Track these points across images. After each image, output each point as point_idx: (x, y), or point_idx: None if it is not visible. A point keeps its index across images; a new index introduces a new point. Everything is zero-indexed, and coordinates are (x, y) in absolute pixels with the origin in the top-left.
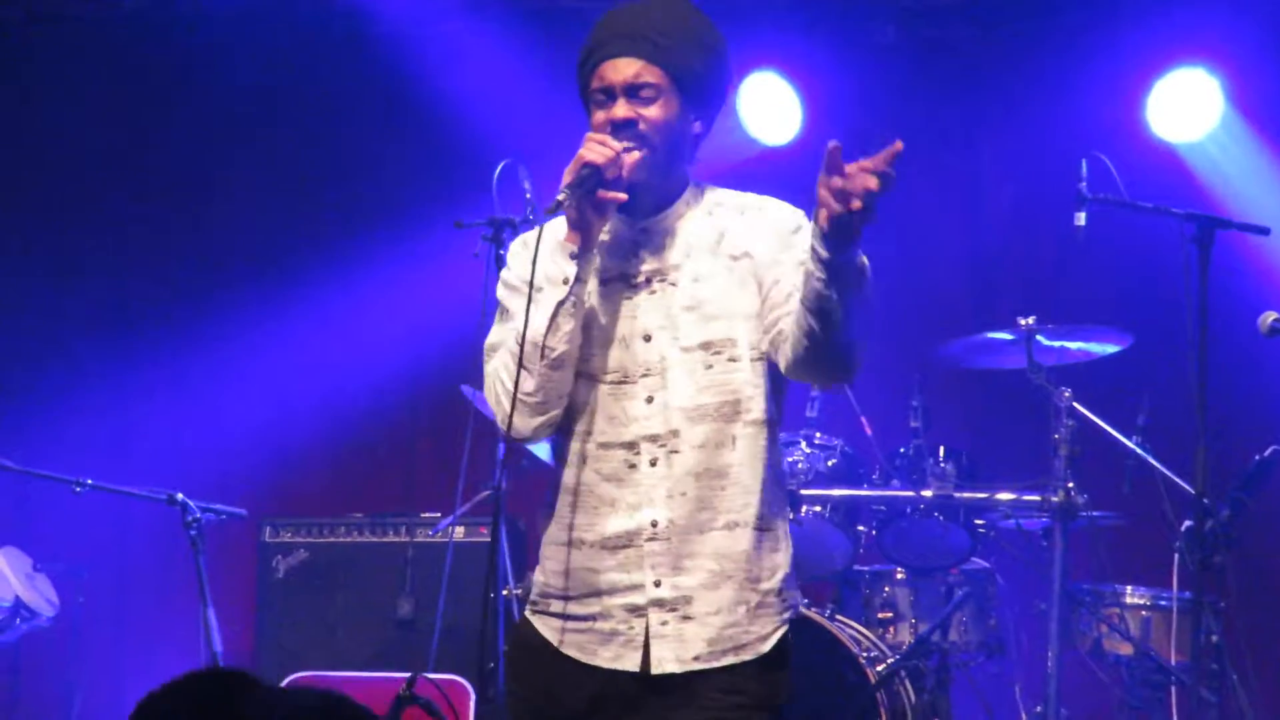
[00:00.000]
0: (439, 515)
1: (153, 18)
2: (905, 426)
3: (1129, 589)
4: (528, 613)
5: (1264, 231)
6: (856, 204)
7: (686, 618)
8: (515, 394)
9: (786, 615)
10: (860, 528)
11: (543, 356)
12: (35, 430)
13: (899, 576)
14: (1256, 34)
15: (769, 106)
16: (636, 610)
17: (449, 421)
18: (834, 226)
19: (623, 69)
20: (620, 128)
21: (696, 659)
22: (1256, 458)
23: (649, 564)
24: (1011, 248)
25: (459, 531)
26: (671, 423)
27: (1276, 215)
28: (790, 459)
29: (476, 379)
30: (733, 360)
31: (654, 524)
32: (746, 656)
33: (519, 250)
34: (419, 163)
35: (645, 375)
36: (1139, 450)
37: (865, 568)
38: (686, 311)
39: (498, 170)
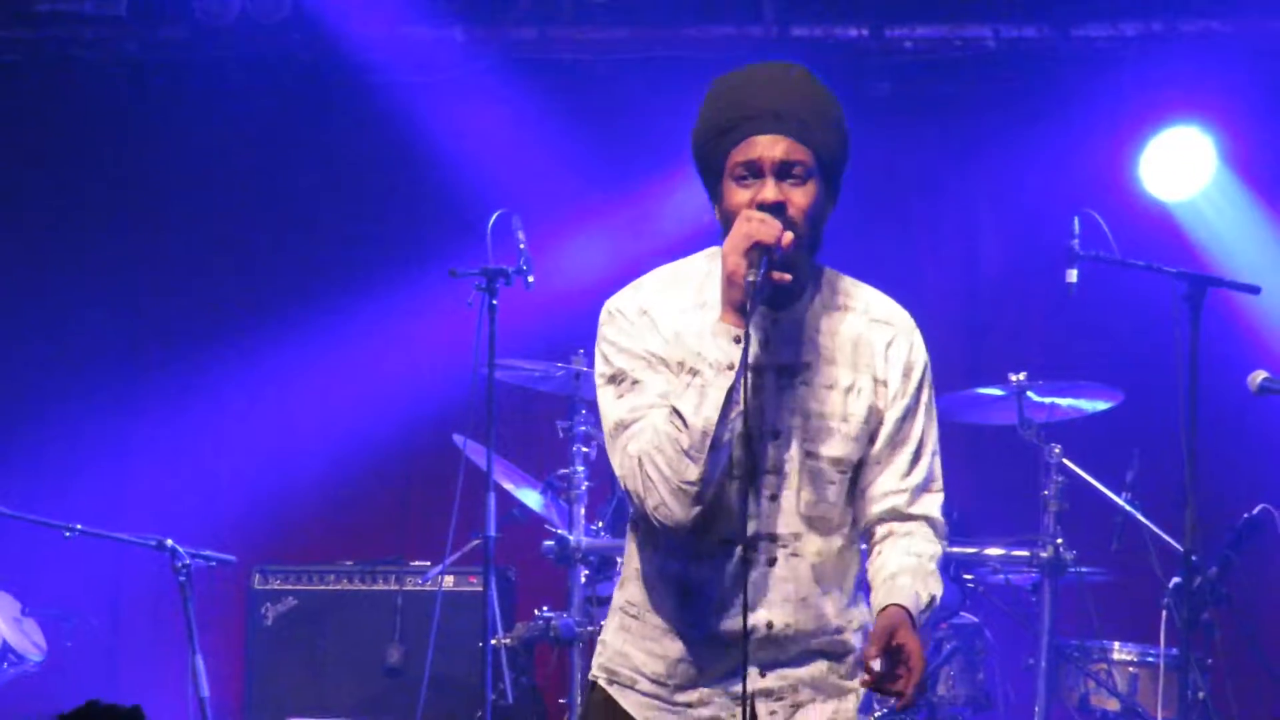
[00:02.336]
0: (429, 563)
1: (148, 59)
2: None
3: (1117, 645)
4: (603, 683)
5: (1254, 290)
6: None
7: (796, 705)
8: (677, 482)
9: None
10: None
11: (713, 447)
12: (26, 474)
13: None
14: (1250, 92)
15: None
16: (738, 699)
17: (440, 470)
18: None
19: (773, 147)
20: (768, 211)
21: None
22: (1245, 516)
23: (756, 660)
24: (1003, 304)
25: (448, 580)
26: (794, 525)
27: (1267, 274)
28: None
29: (468, 428)
30: (851, 476)
31: (769, 625)
32: None
33: (636, 318)
34: (414, 212)
35: (769, 473)
36: (1128, 507)
37: None
38: (821, 419)
39: (492, 220)
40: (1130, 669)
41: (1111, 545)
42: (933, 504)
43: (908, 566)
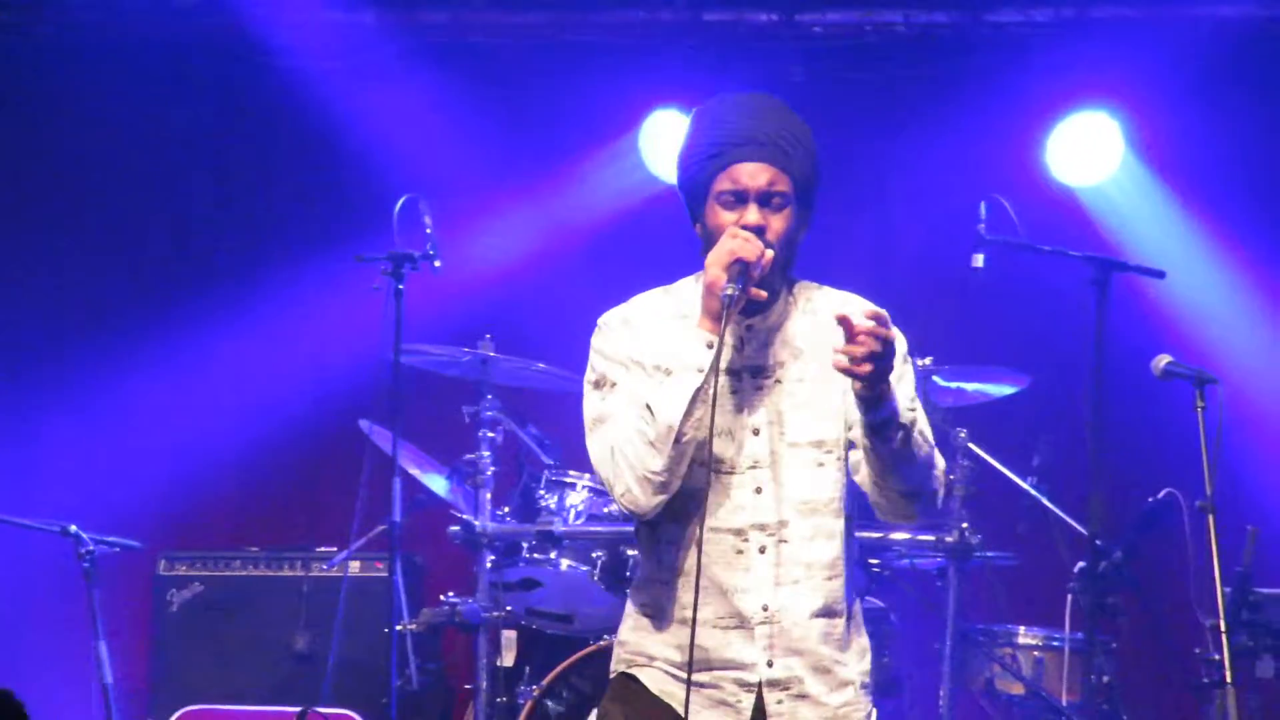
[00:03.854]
0: (335, 549)
1: (61, 40)
2: None
3: (1022, 629)
4: (626, 669)
5: (1160, 275)
6: (861, 368)
7: (800, 696)
8: (642, 471)
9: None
10: None
11: (676, 440)
12: None
13: None
14: (1159, 78)
15: (672, 144)
16: (746, 686)
17: (347, 455)
18: (858, 393)
19: (758, 175)
20: (747, 231)
21: None
22: (1150, 501)
23: (761, 645)
24: (911, 288)
25: (355, 566)
26: (782, 513)
27: (1172, 259)
28: None
29: (375, 413)
30: (838, 459)
31: (765, 608)
32: None
33: (619, 327)
34: (322, 196)
35: (753, 467)
36: (1034, 491)
37: None
38: (796, 410)
39: (398, 205)
40: (1035, 653)
41: (1017, 529)
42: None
43: None
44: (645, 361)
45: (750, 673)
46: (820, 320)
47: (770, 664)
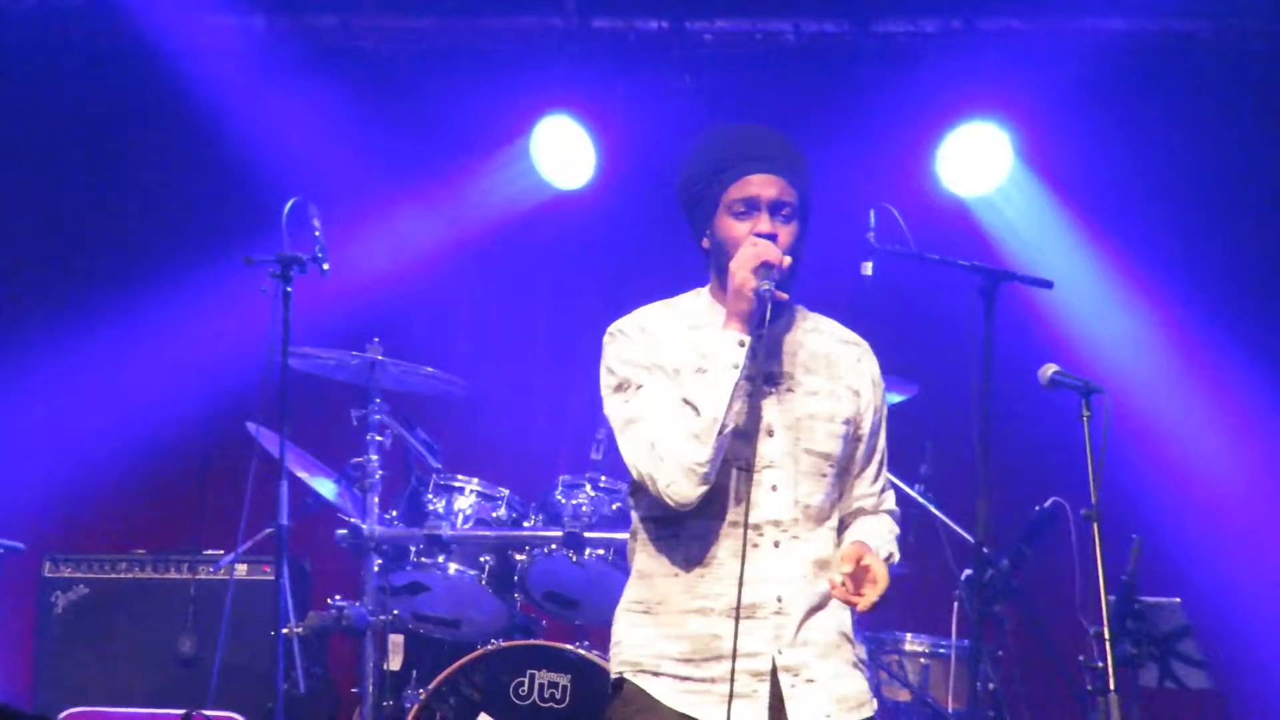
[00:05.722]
0: (222, 552)
1: None
2: None
3: (909, 636)
4: (629, 675)
5: (1047, 285)
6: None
7: (810, 680)
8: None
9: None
10: None
11: (720, 431)
12: None
13: None
14: (1047, 89)
15: (563, 150)
16: (758, 675)
17: (234, 458)
18: None
19: (770, 186)
20: (761, 239)
21: (829, 717)
22: (1036, 509)
23: (771, 635)
24: (799, 295)
25: (241, 569)
26: (792, 512)
27: (1060, 269)
28: (574, 501)
29: (262, 417)
30: (836, 475)
31: (779, 599)
32: (866, 713)
33: (637, 335)
34: (212, 199)
35: (769, 467)
36: (921, 499)
37: None
38: (810, 420)
39: (287, 207)
40: (922, 660)
41: (905, 537)
42: (891, 500)
43: (873, 531)
44: (665, 365)
45: (762, 661)
46: (826, 340)
47: (781, 652)
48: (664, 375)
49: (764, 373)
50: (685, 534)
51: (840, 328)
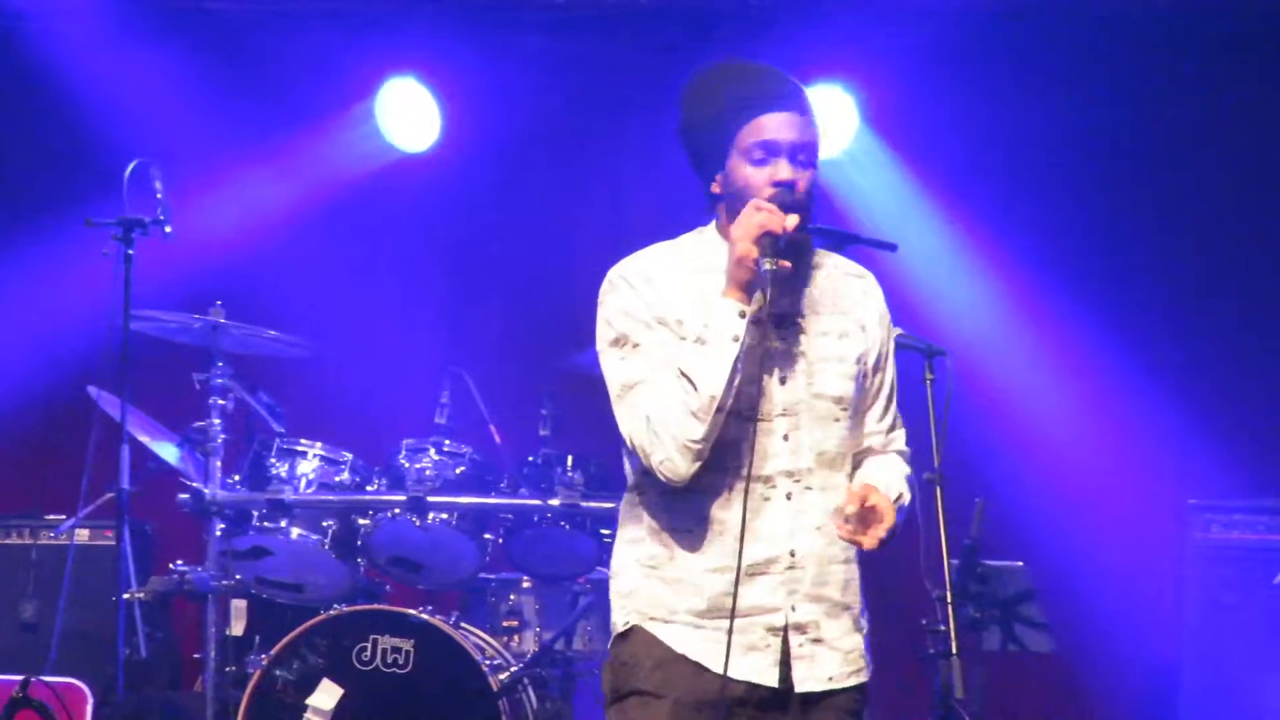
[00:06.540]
0: (63, 517)
1: None
2: (535, 435)
3: None
4: (640, 624)
5: (891, 248)
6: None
7: (818, 640)
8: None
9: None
10: (488, 535)
11: (719, 409)
12: None
13: (525, 585)
14: (893, 54)
15: (407, 112)
16: (774, 630)
17: (75, 422)
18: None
19: (789, 129)
20: (784, 188)
21: (832, 679)
22: None
23: (785, 590)
24: None
25: (83, 534)
26: (806, 461)
27: (905, 232)
28: (418, 465)
29: (104, 380)
30: (849, 418)
31: (792, 553)
32: (864, 678)
33: (641, 285)
34: (51, 160)
35: (782, 415)
36: None
37: (492, 576)
38: (821, 363)
39: (129, 169)
40: None
41: None
42: (901, 439)
43: (884, 469)
44: (669, 318)
45: (776, 616)
46: (832, 275)
47: (794, 609)
48: (668, 332)
49: (775, 315)
50: (697, 488)
51: (845, 260)
